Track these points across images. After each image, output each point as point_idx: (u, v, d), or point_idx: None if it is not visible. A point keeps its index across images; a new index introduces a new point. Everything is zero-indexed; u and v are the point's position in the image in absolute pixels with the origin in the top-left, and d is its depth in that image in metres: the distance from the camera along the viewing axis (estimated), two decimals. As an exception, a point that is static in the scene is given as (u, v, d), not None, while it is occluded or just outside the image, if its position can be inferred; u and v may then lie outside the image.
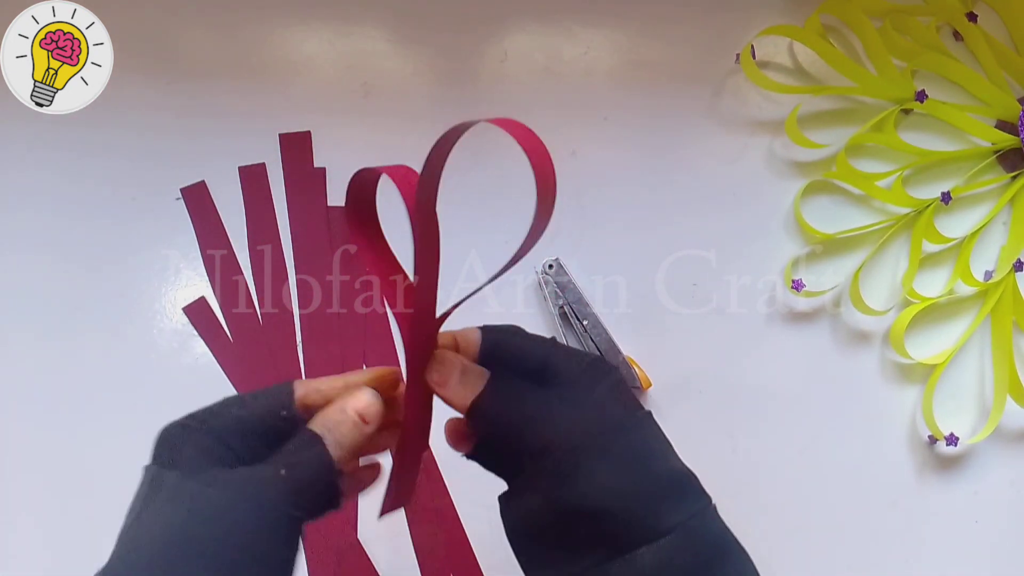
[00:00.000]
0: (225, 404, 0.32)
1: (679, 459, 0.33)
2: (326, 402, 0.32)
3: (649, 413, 0.33)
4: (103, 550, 0.54)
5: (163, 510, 0.28)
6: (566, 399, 0.32)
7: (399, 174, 0.30)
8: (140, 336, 0.55)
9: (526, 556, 0.32)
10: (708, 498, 0.32)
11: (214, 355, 0.55)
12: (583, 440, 0.30)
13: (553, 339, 0.35)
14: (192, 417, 0.32)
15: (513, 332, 0.35)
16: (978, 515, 0.56)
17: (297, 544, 0.30)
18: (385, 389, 0.33)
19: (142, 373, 0.55)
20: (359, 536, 0.53)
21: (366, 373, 0.33)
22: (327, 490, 0.31)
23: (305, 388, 0.32)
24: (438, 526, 0.53)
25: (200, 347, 0.55)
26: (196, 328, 0.56)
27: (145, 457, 0.54)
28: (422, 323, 0.31)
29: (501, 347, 0.34)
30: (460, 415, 0.33)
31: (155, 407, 0.55)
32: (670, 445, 0.33)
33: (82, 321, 0.55)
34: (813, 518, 0.55)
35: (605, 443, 0.30)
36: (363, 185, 0.32)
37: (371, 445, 0.34)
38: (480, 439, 0.34)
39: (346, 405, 0.31)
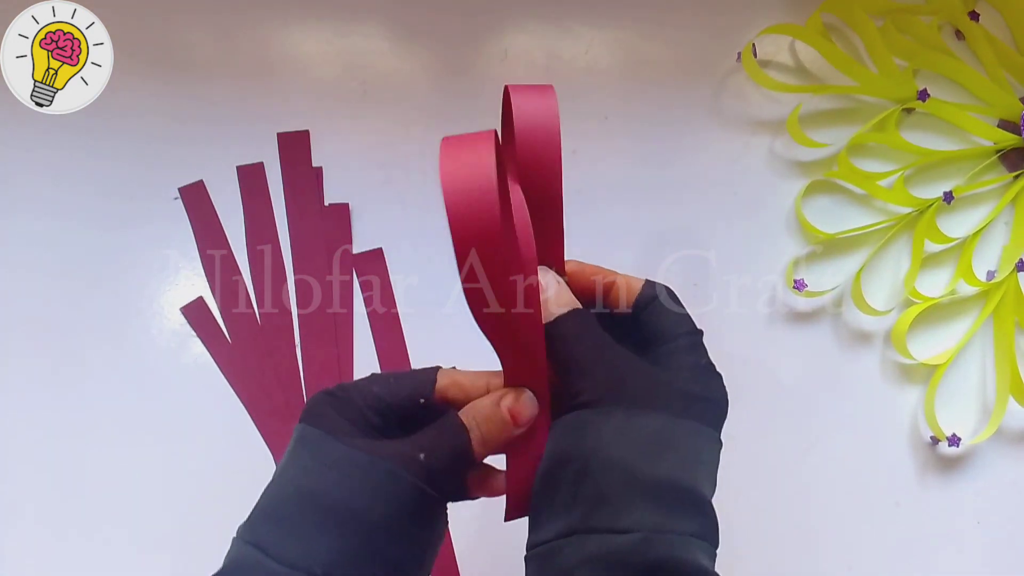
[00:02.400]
0: (370, 380, 0.33)
1: (702, 483, 0.29)
2: (465, 398, 0.32)
3: (719, 441, 0.31)
4: (103, 550, 0.54)
5: (306, 465, 0.29)
6: (639, 369, 0.30)
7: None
8: (138, 336, 0.55)
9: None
10: (705, 537, 0.29)
11: (212, 355, 0.55)
12: (615, 400, 0.29)
13: (701, 332, 0.34)
14: (339, 387, 0.32)
15: (670, 297, 0.34)
16: (980, 516, 0.55)
17: (433, 525, 0.30)
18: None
19: (140, 373, 0.55)
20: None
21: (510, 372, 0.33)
22: (460, 480, 0.31)
23: (447, 379, 0.33)
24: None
25: (198, 347, 0.55)
26: (194, 328, 0.55)
27: (143, 457, 0.54)
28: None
29: (653, 303, 0.33)
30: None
31: (153, 407, 0.55)
32: (708, 472, 0.30)
33: (80, 320, 0.55)
34: (814, 519, 0.55)
35: (632, 419, 0.29)
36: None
37: (511, 447, 0.32)
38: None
39: (502, 401, 0.31)
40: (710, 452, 0.30)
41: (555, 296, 0.32)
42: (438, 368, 0.33)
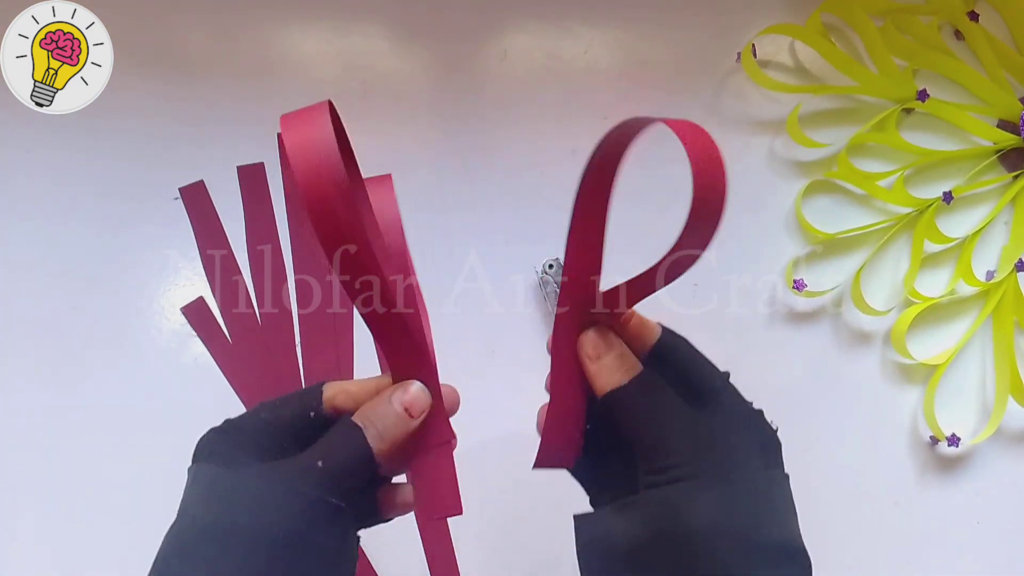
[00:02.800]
0: (256, 408, 0.32)
1: (798, 532, 0.30)
2: (356, 404, 0.32)
3: (787, 477, 0.31)
4: (102, 550, 0.54)
5: (203, 499, 0.29)
6: (716, 429, 0.30)
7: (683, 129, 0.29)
8: (138, 336, 0.55)
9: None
10: None
11: (212, 356, 0.55)
12: (711, 471, 0.28)
13: (728, 373, 0.33)
14: (226, 422, 0.32)
15: (690, 345, 0.34)
16: (980, 516, 0.55)
17: (345, 535, 0.30)
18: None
19: (140, 373, 0.55)
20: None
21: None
22: (365, 482, 0.30)
23: (334, 390, 0.32)
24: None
25: (198, 347, 0.55)
26: (194, 328, 0.55)
27: (142, 457, 0.54)
28: (581, 286, 0.32)
29: (677, 353, 0.33)
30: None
31: (153, 407, 0.55)
32: (795, 514, 0.31)
33: (80, 321, 0.55)
34: (814, 519, 0.55)
35: (734, 487, 0.28)
36: (622, 138, 0.31)
37: (415, 444, 0.32)
38: (592, 444, 0.33)
39: (392, 396, 0.31)
40: (790, 493, 0.31)
41: (618, 360, 0.31)
42: (322, 383, 0.33)
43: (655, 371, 0.31)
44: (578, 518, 0.31)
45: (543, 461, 0.33)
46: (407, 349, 0.31)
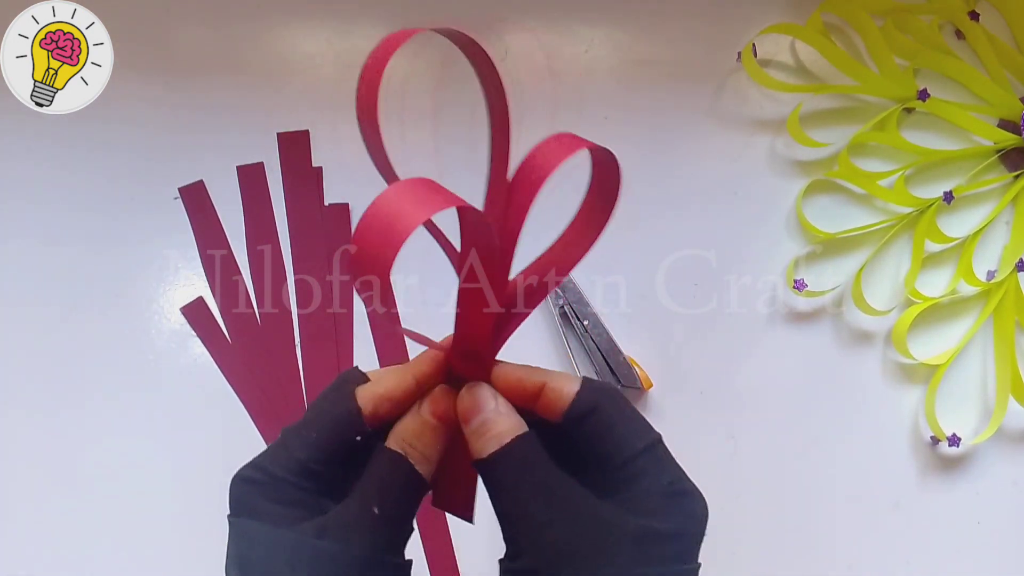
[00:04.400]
0: (286, 447, 0.28)
1: None
2: (399, 408, 0.29)
3: (690, 572, 0.26)
4: (99, 550, 0.54)
5: (240, 566, 0.26)
6: (589, 517, 0.26)
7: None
8: (137, 336, 0.55)
9: None
10: None
11: (212, 356, 0.55)
12: (560, 570, 0.25)
13: (657, 438, 0.28)
14: (254, 468, 0.28)
15: (614, 404, 0.28)
16: (980, 516, 0.55)
17: None
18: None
19: (139, 373, 0.55)
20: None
21: (427, 357, 0.29)
22: (414, 513, 0.28)
23: (373, 402, 0.28)
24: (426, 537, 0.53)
25: (198, 347, 0.55)
26: (194, 328, 0.55)
27: (142, 457, 0.54)
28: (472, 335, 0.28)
29: (593, 416, 0.28)
30: None
31: (153, 408, 0.55)
32: None
33: (79, 321, 0.55)
34: (814, 519, 0.55)
35: None
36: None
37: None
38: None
39: (422, 410, 0.28)
40: None
41: (485, 425, 0.27)
42: (352, 395, 0.29)
43: (533, 442, 0.27)
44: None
45: (440, 504, 0.31)
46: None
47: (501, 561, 0.28)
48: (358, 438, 0.28)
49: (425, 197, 0.24)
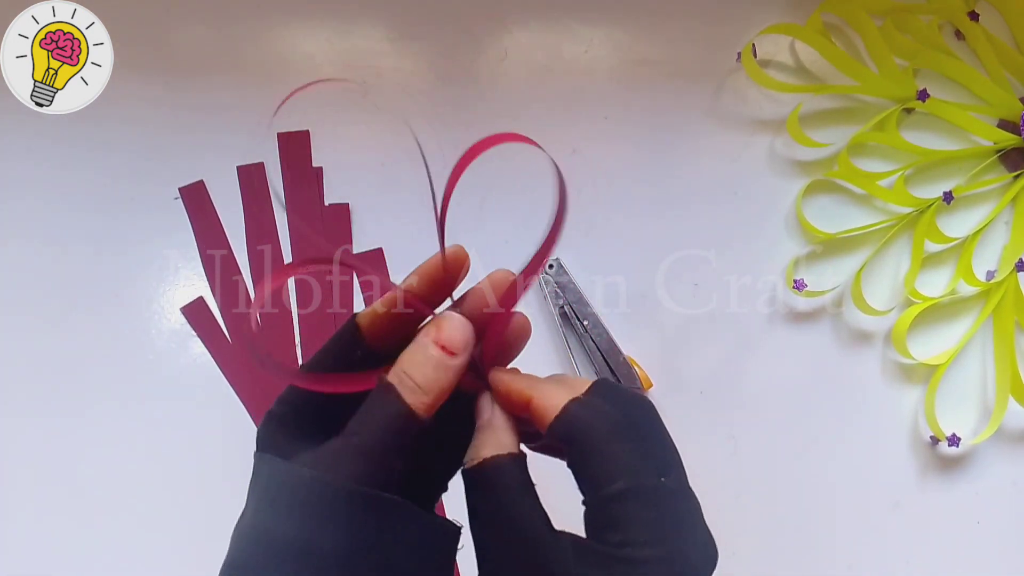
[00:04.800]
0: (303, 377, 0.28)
1: None
2: (401, 324, 0.27)
3: None
4: (98, 550, 0.54)
5: (259, 498, 0.26)
6: (547, 570, 0.24)
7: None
8: (138, 336, 0.55)
9: None
10: None
11: (212, 356, 0.55)
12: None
13: (641, 484, 0.25)
14: (279, 402, 0.28)
15: (590, 437, 0.25)
16: (980, 516, 0.55)
17: (405, 523, 0.25)
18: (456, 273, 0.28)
19: (139, 373, 0.55)
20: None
21: (429, 265, 0.28)
22: (404, 450, 0.25)
23: (369, 318, 0.27)
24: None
25: (198, 347, 0.55)
26: (194, 328, 0.55)
27: (142, 456, 0.54)
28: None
29: (571, 446, 0.26)
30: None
31: (152, 408, 0.55)
32: None
33: (80, 321, 0.55)
34: (814, 519, 0.55)
35: None
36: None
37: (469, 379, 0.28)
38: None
39: (426, 339, 0.26)
40: None
41: (479, 432, 0.27)
42: (356, 313, 0.28)
43: (511, 465, 0.26)
44: None
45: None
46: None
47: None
48: (358, 354, 0.27)
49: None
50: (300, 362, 0.55)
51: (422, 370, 0.26)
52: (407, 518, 0.26)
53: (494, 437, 0.27)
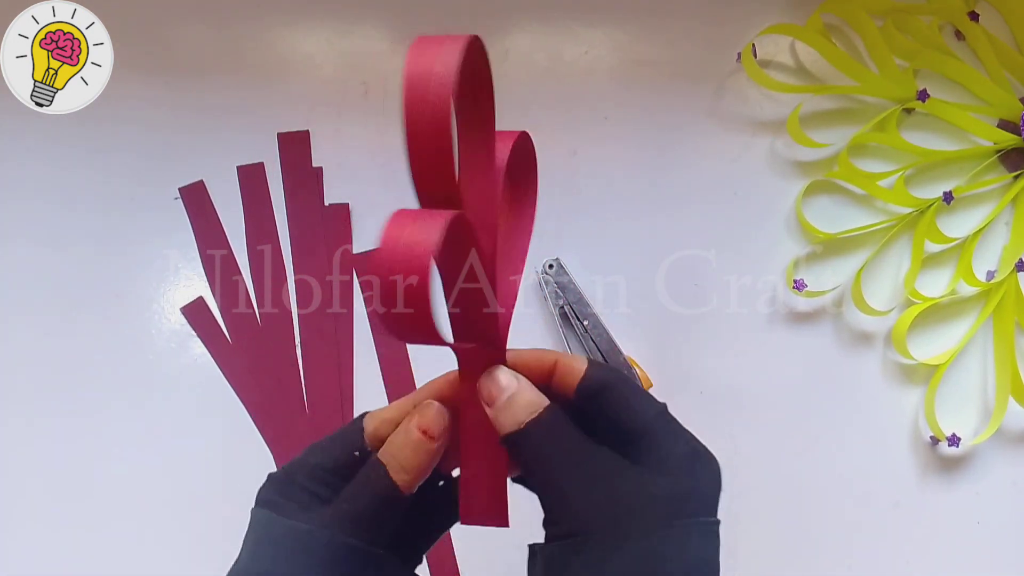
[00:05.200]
0: (307, 453, 0.32)
1: None
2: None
3: (706, 525, 0.28)
4: (98, 550, 0.54)
5: (253, 547, 0.30)
6: (621, 476, 0.28)
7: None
8: (138, 336, 0.55)
9: None
10: None
11: (212, 356, 0.55)
12: (603, 526, 0.27)
13: (665, 406, 0.30)
14: (282, 469, 0.32)
15: (624, 381, 0.31)
16: (980, 516, 0.55)
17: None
18: (455, 395, 0.31)
19: (140, 373, 0.55)
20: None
21: (435, 384, 0.32)
22: (391, 517, 0.30)
23: (374, 422, 0.32)
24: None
25: (198, 347, 0.55)
26: (194, 328, 0.55)
27: (142, 456, 0.54)
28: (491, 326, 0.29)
29: (606, 392, 0.30)
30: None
31: (153, 408, 0.55)
32: (696, 566, 0.28)
33: (80, 321, 0.55)
34: (814, 519, 0.55)
35: (623, 545, 0.27)
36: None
37: (445, 461, 0.32)
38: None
39: (409, 424, 0.30)
40: (706, 546, 0.28)
41: (517, 397, 0.29)
42: (362, 418, 0.32)
43: (559, 411, 0.29)
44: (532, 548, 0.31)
45: (470, 520, 0.32)
46: (480, 346, 0.30)
47: (543, 525, 0.29)
48: (356, 453, 0.31)
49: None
50: (300, 363, 0.55)
51: (405, 451, 0.30)
52: (391, 571, 0.30)
53: (536, 393, 0.30)
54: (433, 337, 0.24)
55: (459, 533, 0.52)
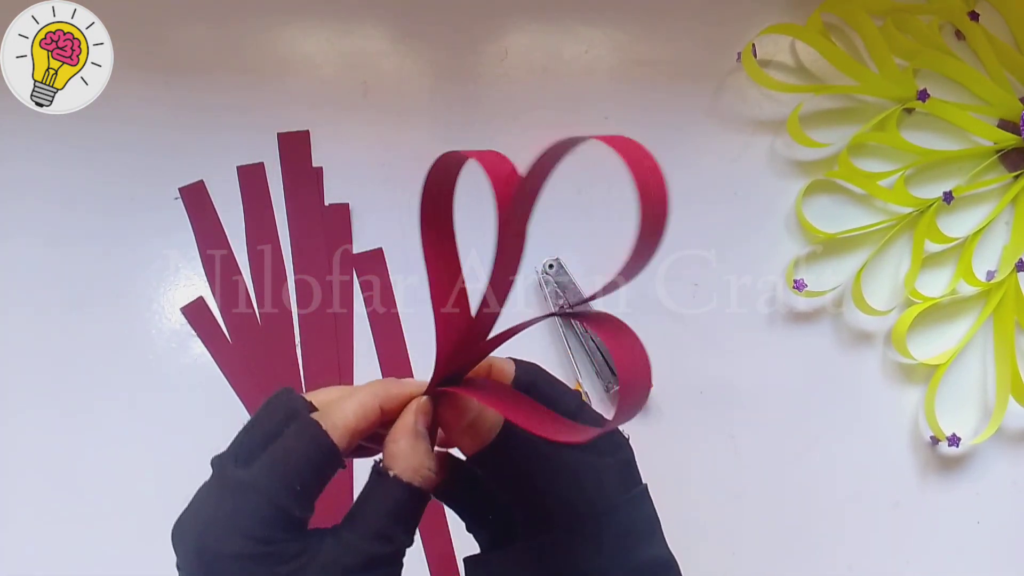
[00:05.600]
0: (265, 500, 0.30)
1: (664, 544, 0.32)
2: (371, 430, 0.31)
3: (644, 489, 0.32)
4: (99, 550, 0.54)
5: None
6: (578, 467, 0.30)
7: (489, 160, 0.27)
8: (138, 336, 0.55)
9: None
10: None
11: (212, 356, 0.55)
12: (581, 520, 0.29)
13: (579, 394, 0.33)
14: (243, 539, 0.30)
15: (544, 374, 0.33)
16: (980, 516, 0.55)
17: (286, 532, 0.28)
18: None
19: (139, 373, 0.55)
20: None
21: (399, 391, 0.31)
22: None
23: (348, 438, 0.29)
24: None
25: (198, 347, 0.55)
26: (194, 328, 0.55)
27: (144, 457, 0.54)
28: (469, 345, 0.29)
29: (534, 389, 0.32)
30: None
31: (153, 408, 0.55)
32: (658, 525, 0.32)
33: (80, 321, 0.55)
34: (815, 519, 0.55)
35: (598, 526, 0.29)
36: (445, 170, 0.29)
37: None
38: (454, 484, 0.32)
39: (420, 429, 0.30)
40: (649, 506, 0.31)
41: (485, 413, 0.30)
42: (323, 431, 0.29)
43: (510, 426, 0.30)
44: (468, 561, 0.33)
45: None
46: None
47: (517, 543, 0.31)
48: (342, 469, 0.30)
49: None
50: (300, 363, 0.55)
51: (430, 458, 0.30)
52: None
53: (485, 419, 0.30)
54: None
55: (459, 533, 0.52)
